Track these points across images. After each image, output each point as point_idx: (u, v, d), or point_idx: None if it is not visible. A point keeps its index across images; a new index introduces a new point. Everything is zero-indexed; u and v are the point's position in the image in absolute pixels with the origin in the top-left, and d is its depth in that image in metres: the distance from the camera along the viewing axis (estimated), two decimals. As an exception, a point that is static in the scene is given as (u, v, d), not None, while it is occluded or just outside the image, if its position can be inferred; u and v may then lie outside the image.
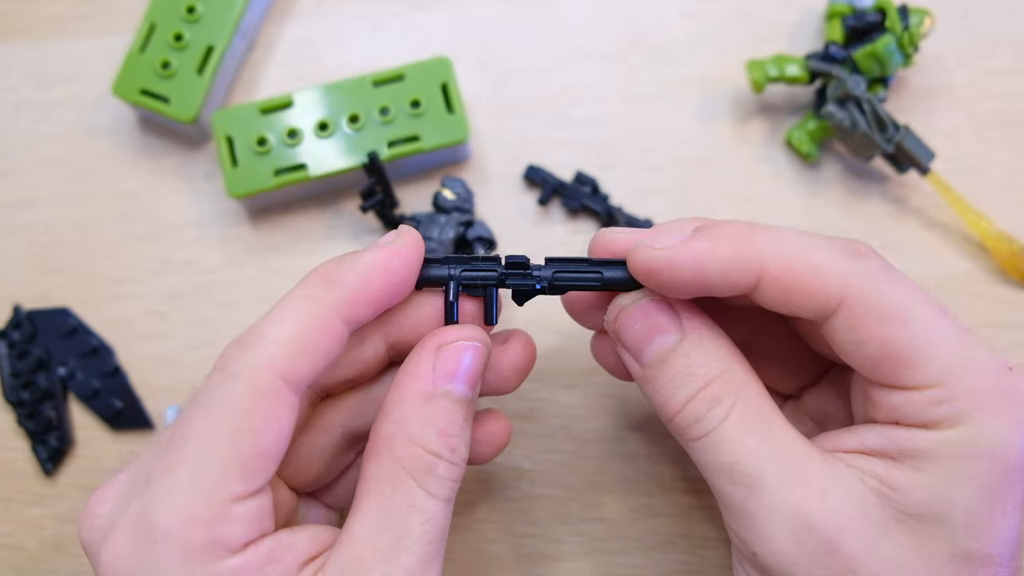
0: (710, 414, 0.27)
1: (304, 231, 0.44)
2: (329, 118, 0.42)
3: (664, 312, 0.28)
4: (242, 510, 0.25)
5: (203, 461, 0.24)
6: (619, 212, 0.43)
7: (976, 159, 0.44)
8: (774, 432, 0.27)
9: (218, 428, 0.25)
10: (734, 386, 0.27)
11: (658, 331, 0.28)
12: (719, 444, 0.26)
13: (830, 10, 0.44)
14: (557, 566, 0.40)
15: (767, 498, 0.26)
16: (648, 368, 0.28)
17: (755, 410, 0.27)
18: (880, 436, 0.27)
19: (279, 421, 0.25)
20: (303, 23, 0.47)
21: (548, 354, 0.42)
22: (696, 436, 0.27)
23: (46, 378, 0.42)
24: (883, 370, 0.26)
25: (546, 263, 0.30)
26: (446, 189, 0.42)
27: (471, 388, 0.28)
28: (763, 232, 0.27)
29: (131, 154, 0.45)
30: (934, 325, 0.26)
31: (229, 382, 0.25)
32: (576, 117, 0.45)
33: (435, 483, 0.26)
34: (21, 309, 0.43)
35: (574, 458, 0.41)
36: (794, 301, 0.27)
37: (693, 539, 0.40)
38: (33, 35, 0.47)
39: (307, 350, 0.25)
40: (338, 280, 0.27)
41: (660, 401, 0.28)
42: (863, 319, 0.26)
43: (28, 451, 0.42)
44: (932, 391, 0.25)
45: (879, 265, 0.27)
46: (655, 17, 0.47)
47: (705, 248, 0.27)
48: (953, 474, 0.25)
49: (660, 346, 0.28)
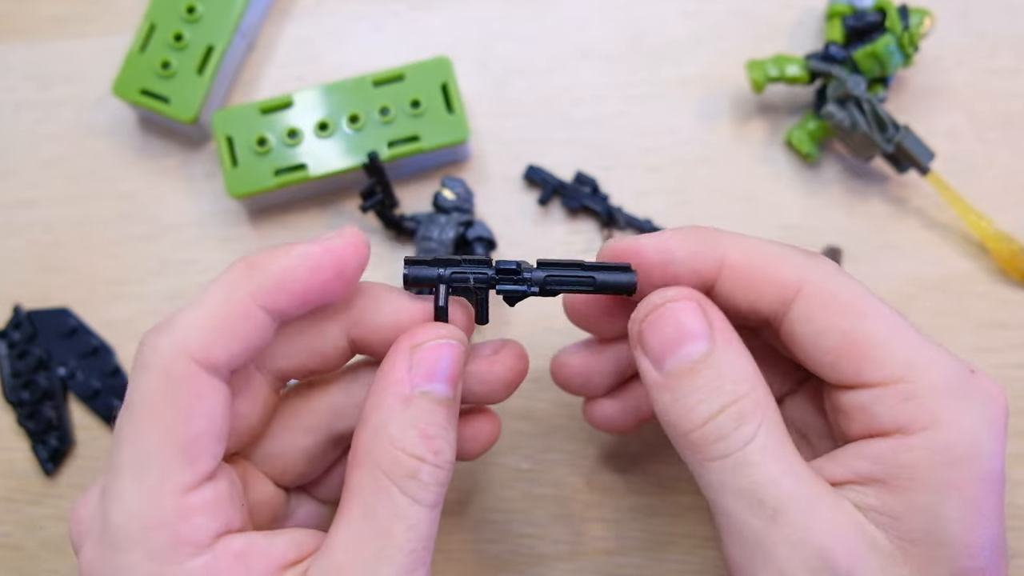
0: (735, 434, 0.25)
1: (304, 231, 0.44)
2: (329, 118, 0.42)
3: (696, 318, 0.27)
4: (197, 500, 0.24)
5: (140, 458, 0.24)
6: (619, 212, 0.43)
7: (976, 159, 0.44)
8: (794, 461, 0.26)
9: (146, 422, 0.24)
10: (760, 407, 0.26)
11: (688, 338, 0.26)
12: (742, 467, 0.25)
13: (830, 10, 0.44)
14: (557, 566, 0.40)
15: (789, 531, 0.25)
16: (669, 376, 0.27)
17: (779, 434, 0.26)
18: (862, 459, 0.26)
19: (204, 402, 0.25)
20: (303, 23, 0.47)
21: (548, 354, 0.42)
22: (715, 456, 0.26)
23: (46, 378, 0.42)
24: (844, 366, 0.26)
25: (538, 266, 0.29)
26: (446, 189, 0.42)
27: (451, 387, 0.27)
28: (727, 233, 0.28)
29: (131, 154, 0.45)
30: (892, 320, 0.26)
31: (145, 372, 0.25)
32: (576, 117, 0.45)
33: (418, 488, 0.25)
34: (21, 309, 0.43)
35: (574, 458, 0.41)
36: (753, 289, 0.27)
37: (693, 539, 0.40)
38: (33, 35, 0.47)
39: (221, 333, 0.25)
40: (261, 268, 0.26)
41: (679, 412, 0.26)
42: (821, 309, 0.26)
43: (28, 451, 0.42)
44: (897, 386, 0.25)
45: (834, 266, 0.28)
46: (655, 17, 0.47)
47: (672, 237, 0.28)
48: (939, 486, 0.25)
49: (688, 354, 0.26)
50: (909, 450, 0.25)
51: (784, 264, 0.27)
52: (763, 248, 0.28)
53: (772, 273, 0.27)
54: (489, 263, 0.29)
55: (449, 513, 0.41)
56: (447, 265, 0.28)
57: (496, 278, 0.29)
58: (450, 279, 0.28)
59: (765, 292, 0.27)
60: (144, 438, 0.24)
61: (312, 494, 0.33)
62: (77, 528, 0.27)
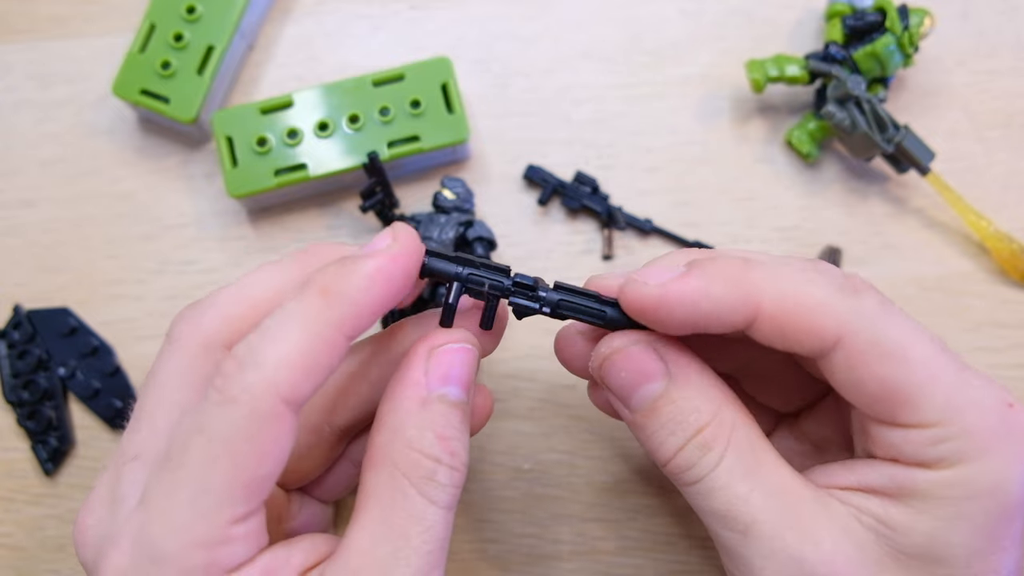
0: (702, 461, 0.26)
1: (304, 231, 0.44)
2: (329, 118, 0.42)
3: (649, 359, 0.27)
4: (241, 530, 0.25)
5: (204, 485, 0.24)
6: (619, 212, 0.43)
7: (976, 159, 0.44)
8: (767, 474, 0.26)
9: (219, 452, 0.24)
10: (724, 430, 0.27)
11: (644, 378, 0.27)
12: (711, 491, 0.26)
13: (830, 10, 0.44)
14: (557, 566, 0.40)
15: (760, 544, 0.25)
16: (637, 414, 0.28)
17: (747, 453, 0.26)
18: (878, 473, 0.26)
19: (280, 444, 0.24)
20: (303, 23, 0.47)
21: (548, 354, 0.42)
22: (689, 482, 0.27)
23: (46, 378, 0.42)
24: (881, 408, 0.26)
25: (554, 288, 0.29)
26: (446, 189, 0.42)
27: (465, 391, 0.27)
28: (758, 268, 0.26)
29: (131, 154, 0.45)
30: (933, 363, 0.26)
31: (230, 405, 0.24)
32: (576, 117, 0.45)
33: (435, 489, 0.26)
34: (21, 309, 0.43)
35: (574, 458, 0.41)
36: (790, 339, 0.26)
37: (693, 539, 0.40)
38: (33, 35, 0.47)
39: (311, 371, 0.24)
40: (339, 294, 0.25)
41: (652, 447, 0.28)
42: (861, 357, 0.26)
43: (28, 451, 0.42)
44: (931, 431, 0.25)
45: (877, 301, 0.26)
46: (655, 17, 0.47)
47: (698, 287, 0.26)
48: (952, 515, 0.25)
49: (647, 393, 0.27)
50: (928, 481, 0.25)
51: (823, 314, 0.26)
52: (800, 292, 0.26)
53: (810, 324, 0.26)
54: (508, 272, 0.29)
55: (449, 513, 0.41)
56: (467, 265, 0.28)
57: (511, 289, 0.29)
58: (466, 279, 0.28)
59: (803, 342, 0.26)
60: (214, 468, 0.24)
61: (312, 494, 0.33)
62: (86, 539, 0.26)
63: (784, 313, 0.26)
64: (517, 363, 0.42)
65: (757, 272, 0.26)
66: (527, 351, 0.42)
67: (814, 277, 0.26)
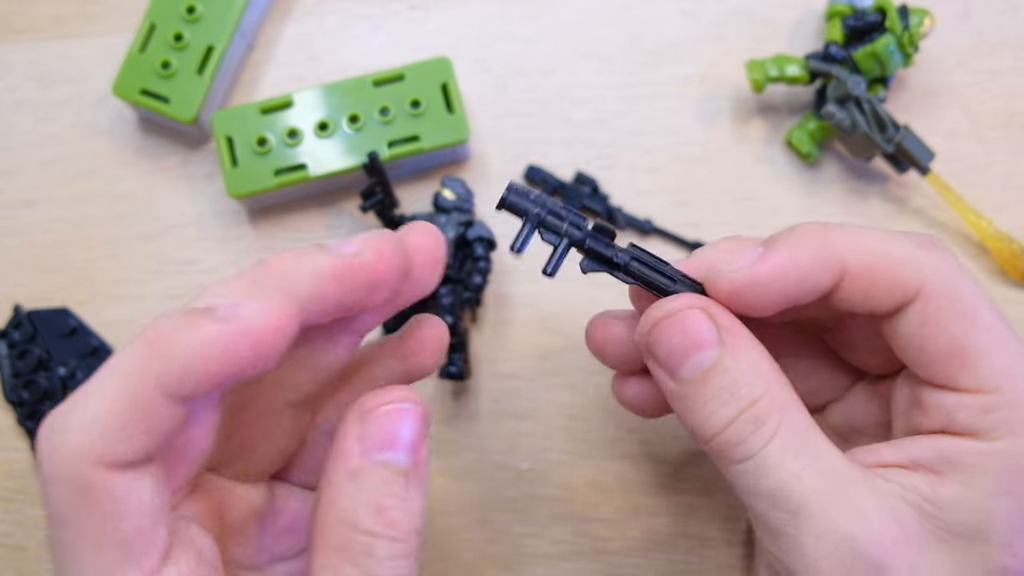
0: (753, 437, 0.26)
1: (304, 231, 0.44)
2: (329, 118, 0.42)
3: (703, 325, 0.26)
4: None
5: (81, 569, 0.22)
6: (619, 212, 0.43)
7: (976, 159, 0.44)
8: (818, 454, 0.26)
9: (72, 539, 0.22)
10: (777, 406, 0.26)
11: (696, 346, 0.26)
12: (762, 469, 0.25)
13: (830, 10, 0.44)
14: (557, 566, 0.40)
15: (812, 524, 0.25)
16: (685, 385, 0.27)
17: (799, 431, 0.26)
18: (926, 448, 0.26)
19: (127, 500, 0.21)
20: (303, 23, 0.47)
21: (548, 354, 0.42)
22: (737, 459, 0.26)
23: (46, 378, 0.42)
24: (943, 368, 0.26)
25: (629, 246, 0.27)
26: (446, 189, 0.42)
27: (412, 452, 0.24)
28: (837, 230, 0.26)
29: (131, 154, 0.45)
30: (997, 328, 0.26)
31: (53, 485, 0.22)
32: (576, 117, 0.45)
33: (376, 565, 0.23)
34: (21, 309, 0.43)
35: (574, 458, 0.41)
36: (874, 296, 0.26)
37: (693, 539, 0.40)
38: (33, 35, 0.47)
39: (125, 431, 0.21)
40: (165, 352, 0.21)
41: (698, 420, 0.27)
42: (936, 313, 0.26)
43: (28, 451, 0.42)
44: (987, 396, 0.25)
45: (953, 258, 0.27)
46: (655, 17, 0.47)
47: (786, 258, 0.26)
48: (997, 490, 0.25)
49: (699, 361, 0.26)
50: (978, 453, 0.25)
51: (907, 265, 0.26)
52: (883, 248, 0.26)
53: (894, 278, 0.26)
54: (585, 219, 0.27)
55: (450, 513, 0.41)
56: (544, 207, 0.27)
57: (588, 236, 0.27)
58: (542, 221, 0.27)
59: (885, 298, 0.26)
60: (78, 557, 0.22)
61: (293, 481, 0.31)
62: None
63: (868, 269, 0.26)
64: (517, 363, 0.42)
65: (836, 233, 0.26)
66: (527, 351, 0.42)
67: (892, 234, 0.27)
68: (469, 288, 0.41)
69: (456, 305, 0.41)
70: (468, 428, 0.42)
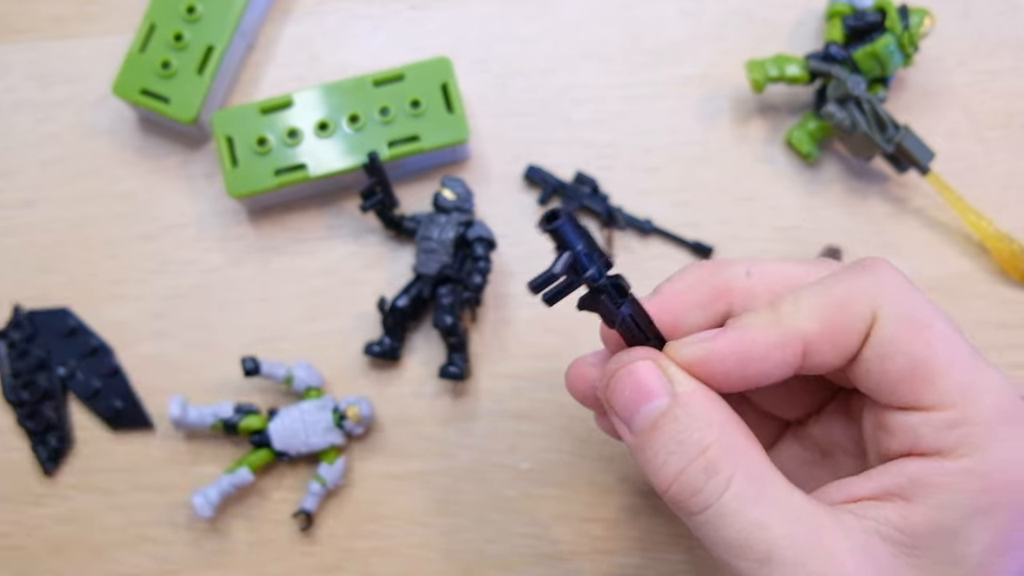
0: (708, 486, 0.25)
1: (304, 231, 0.44)
2: (329, 118, 0.42)
3: (652, 375, 0.27)
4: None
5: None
6: (619, 212, 0.43)
7: (976, 159, 0.44)
8: (780, 498, 0.25)
9: None
10: (731, 451, 0.26)
11: (647, 396, 0.27)
12: (721, 519, 0.25)
13: (830, 10, 0.44)
14: (557, 566, 0.40)
15: (783, 572, 0.24)
16: (639, 435, 0.27)
17: (757, 476, 0.25)
18: (895, 474, 0.26)
19: None
20: (303, 23, 0.47)
21: (548, 354, 0.42)
22: (696, 510, 0.26)
23: (46, 378, 0.42)
24: (904, 389, 0.26)
25: (631, 299, 0.27)
26: (446, 189, 0.42)
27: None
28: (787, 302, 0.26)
29: (131, 154, 0.45)
30: (953, 343, 0.26)
31: None
32: (576, 117, 0.45)
33: None
34: (21, 309, 0.43)
35: (574, 458, 0.41)
36: (842, 343, 0.26)
37: (693, 539, 0.40)
38: (33, 35, 0.47)
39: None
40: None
41: (652, 470, 0.26)
42: (894, 331, 0.25)
43: (28, 451, 0.42)
44: (949, 412, 0.25)
45: (899, 272, 0.27)
46: (655, 17, 0.47)
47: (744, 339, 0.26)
48: (969, 511, 0.25)
49: (650, 411, 0.26)
50: (945, 473, 0.25)
51: (858, 299, 0.26)
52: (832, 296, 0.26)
53: (851, 320, 0.26)
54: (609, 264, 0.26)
55: (450, 513, 0.41)
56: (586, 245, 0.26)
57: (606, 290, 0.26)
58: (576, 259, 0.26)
59: (851, 341, 0.26)
60: None
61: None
62: None
63: (828, 325, 0.26)
64: (517, 363, 0.42)
65: (787, 306, 0.26)
66: (527, 351, 0.42)
67: (835, 274, 0.27)
68: (469, 288, 0.41)
69: (456, 305, 0.41)
70: (468, 428, 0.42)
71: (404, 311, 0.41)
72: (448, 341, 0.41)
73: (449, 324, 0.40)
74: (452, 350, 0.41)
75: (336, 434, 0.40)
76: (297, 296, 0.43)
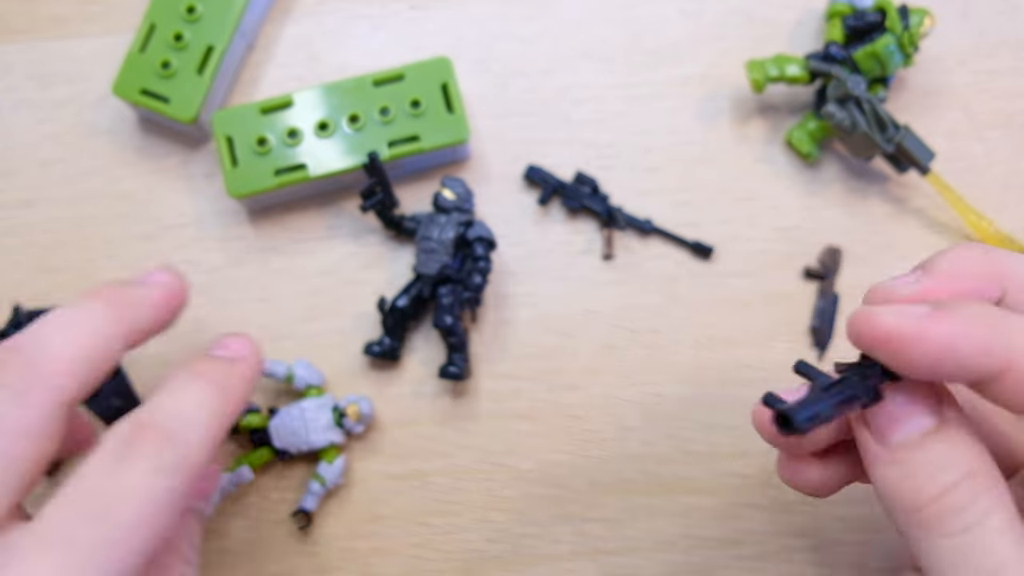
0: (973, 507, 0.24)
1: (304, 231, 0.44)
2: (329, 118, 0.42)
3: (925, 395, 0.26)
4: None
5: None
6: (619, 212, 0.43)
7: (976, 159, 0.44)
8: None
9: None
10: (994, 483, 0.25)
11: (918, 412, 0.25)
12: (981, 543, 0.24)
13: (830, 10, 0.44)
14: (557, 566, 0.40)
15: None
16: (896, 449, 0.25)
17: (1013, 512, 0.24)
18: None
19: None
20: (303, 23, 0.47)
21: (548, 354, 0.42)
22: (952, 531, 0.24)
23: (46, 378, 0.42)
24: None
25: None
26: (446, 189, 0.42)
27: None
28: (1013, 319, 0.24)
29: (131, 154, 0.45)
30: None
31: None
32: (576, 117, 0.45)
33: None
34: (21, 309, 0.43)
35: (574, 458, 0.41)
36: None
37: (693, 539, 0.40)
38: (33, 35, 0.47)
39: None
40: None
41: (906, 487, 0.25)
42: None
43: (28, 451, 0.42)
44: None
45: None
46: (655, 17, 0.47)
47: (959, 329, 0.24)
48: None
49: (916, 427, 0.25)
50: None
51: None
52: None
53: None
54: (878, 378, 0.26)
55: (449, 513, 0.41)
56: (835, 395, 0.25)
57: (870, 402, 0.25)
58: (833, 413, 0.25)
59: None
60: None
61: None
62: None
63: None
64: (517, 363, 0.42)
65: (1013, 323, 0.24)
66: (527, 351, 0.42)
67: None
68: (469, 288, 0.41)
69: (456, 305, 0.41)
70: (468, 428, 0.42)
71: (404, 311, 0.41)
72: (448, 341, 0.41)
73: (449, 324, 0.40)
74: (452, 350, 0.41)
75: (336, 432, 0.40)
76: (297, 296, 0.43)
